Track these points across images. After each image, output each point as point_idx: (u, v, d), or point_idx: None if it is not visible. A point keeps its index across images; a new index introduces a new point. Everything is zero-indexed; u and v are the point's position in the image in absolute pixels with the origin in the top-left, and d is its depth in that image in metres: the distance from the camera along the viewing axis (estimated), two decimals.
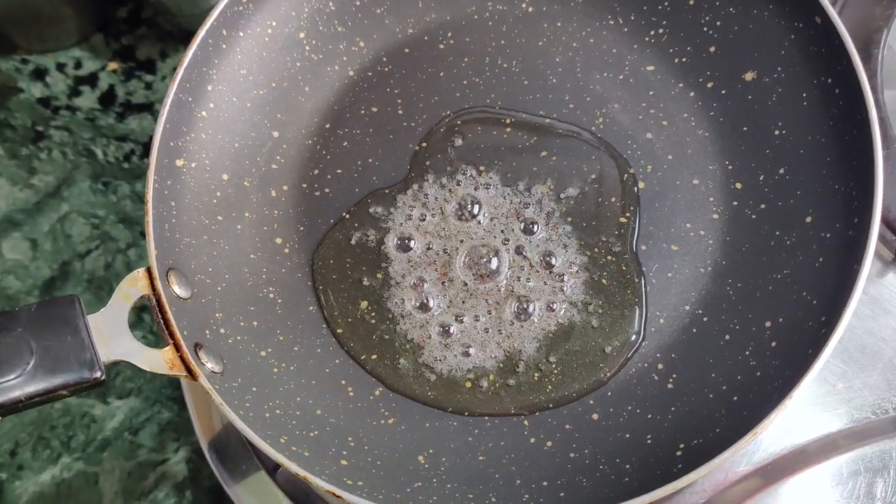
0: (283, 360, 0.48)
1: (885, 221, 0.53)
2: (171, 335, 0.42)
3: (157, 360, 0.42)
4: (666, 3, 0.53)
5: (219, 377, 0.44)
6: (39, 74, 0.68)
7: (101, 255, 0.63)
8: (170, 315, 0.42)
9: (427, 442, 0.47)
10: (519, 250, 0.51)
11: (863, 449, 0.50)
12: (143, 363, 0.41)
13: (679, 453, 0.43)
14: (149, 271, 0.43)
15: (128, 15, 0.69)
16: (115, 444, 0.59)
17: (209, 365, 0.44)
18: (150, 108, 0.67)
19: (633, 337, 0.49)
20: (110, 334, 0.41)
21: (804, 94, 0.48)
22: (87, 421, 0.59)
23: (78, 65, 0.68)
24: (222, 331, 0.47)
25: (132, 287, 0.43)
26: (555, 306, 0.49)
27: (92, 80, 0.68)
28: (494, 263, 0.50)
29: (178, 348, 0.42)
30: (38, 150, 0.66)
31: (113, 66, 0.68)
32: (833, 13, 0.46)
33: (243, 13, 0.50)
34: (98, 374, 0.39)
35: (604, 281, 0.50)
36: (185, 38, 0.48)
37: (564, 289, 0.50)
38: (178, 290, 0.45)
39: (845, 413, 0.51)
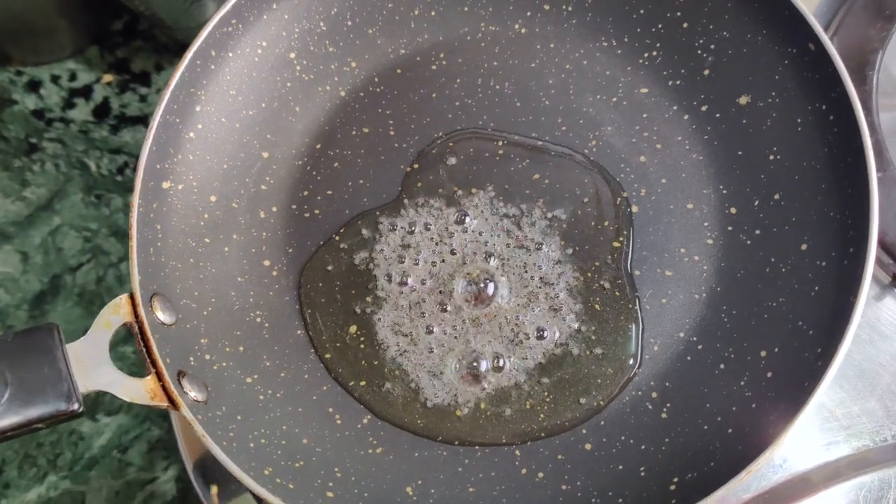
0: (270, 387, 0.48)
1: (882, 245, 0.53)
2: (154, 364, 0.42)
3: (139, 390, 0.41)
4: (660, 26, 0.52)
5: (202, 406, 0.43)
6: (34, 86, 0.67)
7: (92, 269, 0.63)
8: (152, 343, 0.42)
9: (416, 472, 0.46)
10: (510, 274, 0.50)
11: (861, 478, 0.49)
12: (123, 393, 0.40)
13: (673, 487, 0.43)
14: (131, 297, 0.43)
15: (123, 27, 0.69)
16: (103, 463, 0.58)
17: (192, 394, 0.43)
18: (145, 121, 0.66)
19: (628, 364, 0.48)
20: (90, 364, 0.40)
21: (799, 120, 0.48)
22: (75, 439, 0.59)
23: (72, 77, 0.68)
24: (207, 357, 0.46)
25: (114, 314, 0.42)
26: (547, 332, 0.49)
27: (86, 92, 0.67)
28: (485, 288, 0.50)
29: (160, 378, 0.41)
30: (31, 162, 0.66)
31: (107, 78, 0.67)
32: (826, 41, 0.45)
33: (232, 34, 0.50)
34: (75, 407, 0.38)
35: (597, 306, 0.49)
36: (181, 51, 0.48)
37: (558, 314, 0.49)
38: (161, 315, 0.44)
39: (843, 440, 0.51)
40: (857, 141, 0.44)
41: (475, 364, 0.49)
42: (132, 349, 0.60)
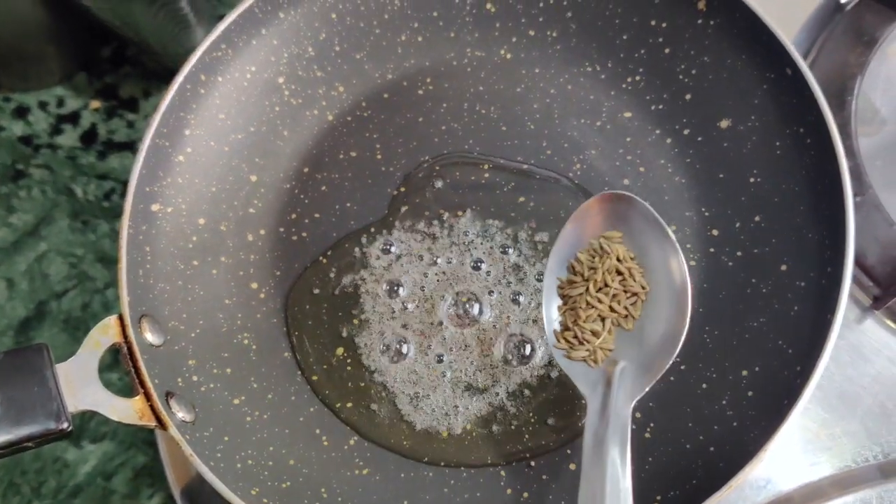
0: (257, 409, 0.48)
1: (863, 267, 0.53)
2: (142, 384, 0.42)
3: (127, 410, 0.41)
4: (642, 51, 0.53)
5: (190, 426, 0.43)
6: (21, 113, 0.67)
7: (78, 295, 0.63)
8: (141, 364, 0.42)
9: (402, 493, 0.46)
10: (496, 297, 0.50)
11: (843, 498, 0.49)
12: (112, 413, 0.40)
13: None
14: (121, 318, 0.43)
15: (111, 54, 0.69)
16: (88, 490, 0.58)
17: (180, 414, 0.43)
18: (132, 147, 0.67)
19: None
20: (79, 384, 0.40)
21: (777, 143, 0.49)
22: (59, 466, 0.58)
23: (60, 103, 0.68)
24: (195, 378, 0.46)
25: (103, 335, 0.42)
26: (533, 354, 0.49)
27: (74, 118, 0.67)
28: (473, 310, 0.50)
29: (148, 397, 0.42)
30: (18, 188, 0.65)
31: (95, 104, 0.68)
32: (803, 65, 0.46)
33: (222, 58, 0.50)
34: (65, 426, 0.39)
35: None
36: (169, 77, 0.48)
37: (543, 336, 0.49)
38: (150, 337, 0.44)
39: (826, 461, 0.51)
40: (834, 164, 0.45)
41: (460, 385, 0.49)
42: (118, 376, 0.60)
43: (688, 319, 0.43)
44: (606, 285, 0.45)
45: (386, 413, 0.49)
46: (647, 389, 0.42)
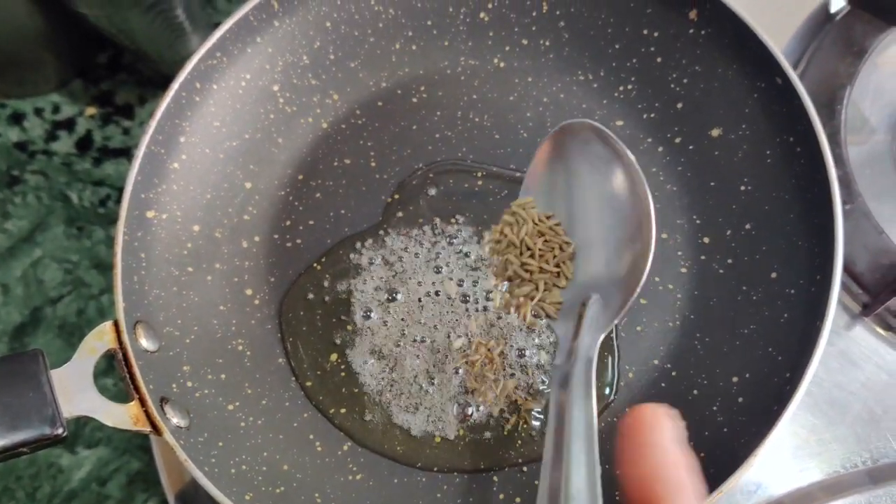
0: (251, 414, 0.48)
1: (852, 275, 0.54)
2: (137, 390, 0.42)
3: (122, 416, 0.41)
4: (634, 60, 0.54)
5: (184, 432, 0.43)
6: (17, 119, 0.68)
7: (73, 301, 0.63)
8: (136, 369, 0.42)
9: (395, 498, 0.47)
10: (490, 303, 0.51)
11: (833, 503, 0.50)
12: (106, 419, 0.41)
13: None
14: (116, 324, 0.43)
15: (108, 61, 0.69)
16: (82, 496, 0.58)
17: (175, 420, 0.43)
18: (127, 154, 0.67)
19: (603, 392, 0.49)
20: (74, 389, 0.41)
21: (768, 152, 0.49)
22: (54, 472, 0.58)
23: (56, 109, 0.68)
24: (189, 384, 0.47)
25: (98, 341, 0.42)
26: (526, 360, 0.49)
27: (69, 124, 0.68)
28: (465, 317, 0.50)
29: (143, 403, 0.42)
30: (13, 194, 0.66)
31: (91, 111, 0.68)
32: (793, 75, 0.47)
33: (217, 66, 0.51)
34: (59, 431, 0.39)
35: None
36: (164, 84, 0.48)
37: (536, 342, 0.50)
38: (145, 343, 0.45)
39: (816, 466, 0.51)
40: (823, 172, 0.45)
41: (454, 392, 0.49)
42: (113, 381, 0.60)
43: (652, 247, 0.43)
44: (529, 248, 0.47)
45: (379, 419, 0.49)
46: (614, 323, 0.44)
